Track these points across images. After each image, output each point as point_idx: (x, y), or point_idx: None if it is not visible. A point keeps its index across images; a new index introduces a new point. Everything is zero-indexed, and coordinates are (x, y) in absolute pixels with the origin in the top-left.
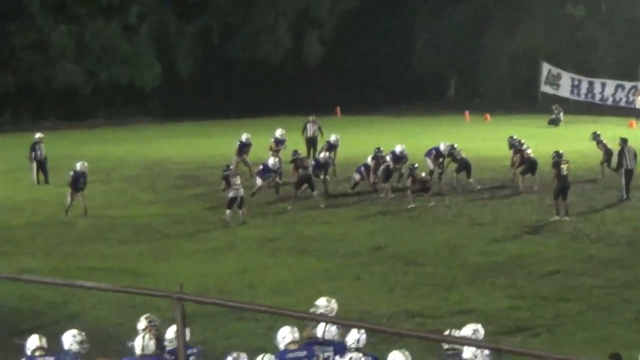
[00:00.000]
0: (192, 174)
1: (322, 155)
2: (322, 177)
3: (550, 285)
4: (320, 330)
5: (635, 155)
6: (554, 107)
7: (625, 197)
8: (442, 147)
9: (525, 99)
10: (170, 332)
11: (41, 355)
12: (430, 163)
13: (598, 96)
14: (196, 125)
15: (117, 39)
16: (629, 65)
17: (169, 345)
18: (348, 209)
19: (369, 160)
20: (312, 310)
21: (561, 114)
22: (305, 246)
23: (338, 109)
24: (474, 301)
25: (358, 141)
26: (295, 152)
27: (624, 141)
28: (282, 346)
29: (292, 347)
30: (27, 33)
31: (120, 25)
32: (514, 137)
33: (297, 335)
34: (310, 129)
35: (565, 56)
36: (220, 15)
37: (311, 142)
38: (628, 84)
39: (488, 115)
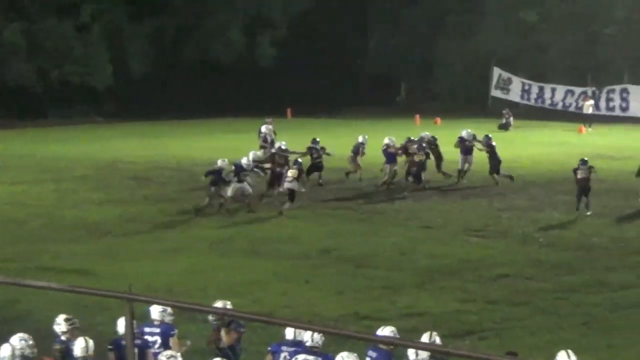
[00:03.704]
0: (143, 174)
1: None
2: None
3: (499, 289)
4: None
5: None
6: (504, 111)
7: None
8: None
9: (476, 103)
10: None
11: None
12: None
13: (548, 101)
14: (148, 126)
15: (69, 38)
16: (580, 70)
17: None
18: (299, 211)
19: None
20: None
21: (511, 118)
22: (256, 248)
23: (289, 110)
24: (423, 304)
25: (307, 142)
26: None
27: None
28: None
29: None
30: None
31: (73, 24)
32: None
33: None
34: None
35: (518, 61)
36: (173, 16)
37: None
38: (577, 90)
39: (438, 119)
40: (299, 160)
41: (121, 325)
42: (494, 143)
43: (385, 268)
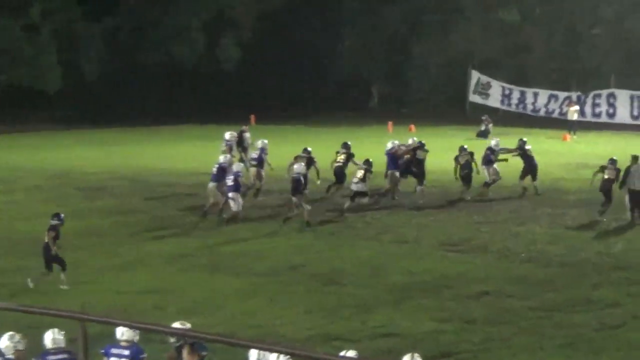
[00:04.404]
0: (99, 184)
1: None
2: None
3: (478, 307)
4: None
5: None
6: (483, 117)
7: (631, 218)
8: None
9: (453, 109)
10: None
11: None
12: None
13: (530, 107)
14: (104, 133)
15: (17, 39)
16: (564, 74)
17: None
18: (264, 224)
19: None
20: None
21: (491, 125)
22: (219, 263)
23: (253, 116)
24: (398, 324)
25: (275, 151)
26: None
27: (634, 158)
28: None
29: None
30: None
31: (21, 24)
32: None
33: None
34: (246, 140)
35: (497, 63)
36: (129, 15)
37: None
38: (562, 95)
39: (412, 126)
40: (369, 160)
41: (49, 339)
42: (529, 147)
43: (356, 285)
